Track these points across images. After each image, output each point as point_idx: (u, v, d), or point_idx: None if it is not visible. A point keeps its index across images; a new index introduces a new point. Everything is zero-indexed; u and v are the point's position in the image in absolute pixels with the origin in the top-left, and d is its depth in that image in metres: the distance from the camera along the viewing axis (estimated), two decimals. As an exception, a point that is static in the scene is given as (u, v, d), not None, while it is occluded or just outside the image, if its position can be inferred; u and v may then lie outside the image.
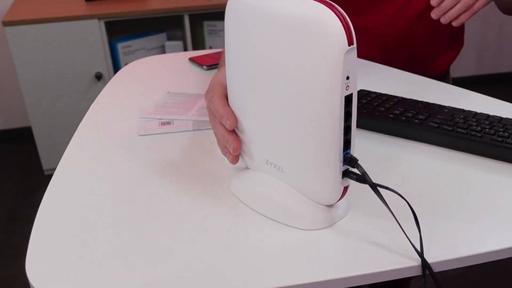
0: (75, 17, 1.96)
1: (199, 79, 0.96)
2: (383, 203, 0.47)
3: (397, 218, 0.47)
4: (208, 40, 2.38)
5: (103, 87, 0.91)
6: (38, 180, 2.17)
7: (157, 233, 0.53)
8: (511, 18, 3.14)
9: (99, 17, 1.98)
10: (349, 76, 0.44)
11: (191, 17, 2.16)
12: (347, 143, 0.48)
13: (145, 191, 0.60)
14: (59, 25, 1.95)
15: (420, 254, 0.46)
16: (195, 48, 2.33)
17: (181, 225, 0.54)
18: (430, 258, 0.47)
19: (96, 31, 1.99)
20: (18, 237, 1.81)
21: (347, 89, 0.44)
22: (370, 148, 0.68)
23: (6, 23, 1.89)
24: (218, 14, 2.32)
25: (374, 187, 0.47)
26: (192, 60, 1.04)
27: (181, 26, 2.24)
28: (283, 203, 0.53)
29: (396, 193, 0.47)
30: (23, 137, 2.48)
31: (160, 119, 0.79)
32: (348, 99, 0.45)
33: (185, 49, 2.28)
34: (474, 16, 3.07)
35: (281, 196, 0.53)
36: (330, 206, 0.52)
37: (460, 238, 0.50)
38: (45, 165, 2.16)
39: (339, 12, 0.42)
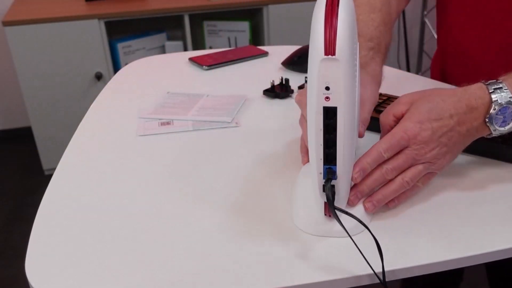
0: (75, 17, 1.96)
1: (199, 79, 0.96)
2: (342, 226, 0.45)
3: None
4: (208, 40, 2.38)
5: (103, 87, 0.91)
6: (38, 180, 2.17)
7: (157, 233, 0.53)
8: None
9: (99, 17, 1.98)
10: (330, 88, 0.42)
11: (191, 17, 2.15)
12: (330, 157, 0.46)
13: (145, 191, 0.60)
14: (59, 25, 1.94)
15: (383, 282, 0.45)
16: (195, 48, 2.32)
17: (181, 225, 0.54)
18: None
19: (96, 31, 1.99)
20: (18, 237, 1.81)
21: (326, 100, 0.43)
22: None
23: (6, 23, 1.89)
24: (218, 14, 2.32)
25: (334, 210, 0.46)
26: (192, 60, 1.04)
27: (181, 26, 2.23)
28: (296, 196, 0.54)
29: (357, 219, 0.46)
30: (23, 137, 2.47)
31: (160, 119, 0.79)
32: (330, 111, 0.44)
33: (185, 49, 2.27)
34: None
35: (299, 189, 0.54)
36: (329, 218, 0.51)
37: (454, 237, 0.50)
38: (45, 165, 2.16)
39: (331, 19, 0.41)
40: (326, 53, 0.41)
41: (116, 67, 2.17)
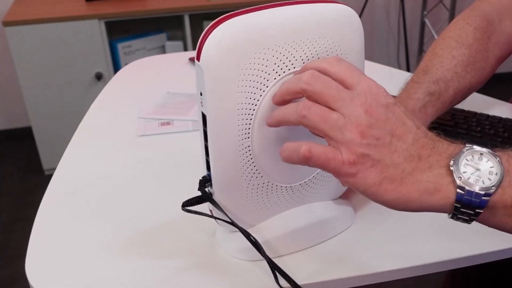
0: (75, 17, 1.96)
1: (199, 79, 0.96)
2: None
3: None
4: (208, 40, 2.37)
5: (103, 87, 0.91)
6: (38, 180, 2.16)
7: (157, 234, 0.53)
8: None
9: (99, 17, 1.98)
10: (202, 93, 0.42)
11: (191, 17, 2.15)
12: (208, 165, 0.45)
13: (145, 192, 0.60)
14: (59, 25, 1.94)
15: None
16: (195, 48, 2.32)
17: (182, 226, 0.54)
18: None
19: (96, 31, 1.99)
20: (18, 237, 1.80)
21: (202, 106, 0.43)
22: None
23: (6, 23, 1.89)
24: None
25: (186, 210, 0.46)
26: (192, 60, 1.04)
27: (181, 26, 2.23)
28: None
29: (234, 224, 0.46)
30: (23, 137, 2.47)
31: (160, 119, 0.79)
32: (204, 118, 0.43)
33: (185, 49, 2.27)
34: None
35: None
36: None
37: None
38: (45, 165, 2.16)
39: (210, 30, 0.41)
40: (197, 58, 0.41)
41: (116, 67, 2.17)
